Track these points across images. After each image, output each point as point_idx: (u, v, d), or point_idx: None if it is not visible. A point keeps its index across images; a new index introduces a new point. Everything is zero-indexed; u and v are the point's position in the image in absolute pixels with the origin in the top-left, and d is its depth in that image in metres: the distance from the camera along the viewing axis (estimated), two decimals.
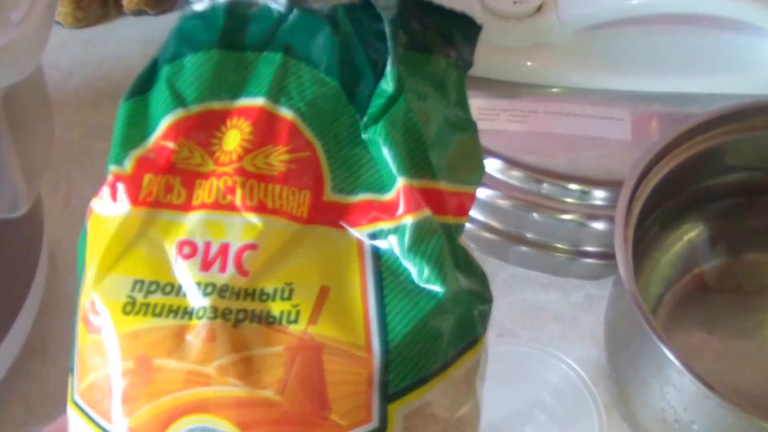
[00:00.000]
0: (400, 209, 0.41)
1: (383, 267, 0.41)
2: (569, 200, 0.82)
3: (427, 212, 0.41)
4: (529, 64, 0.92)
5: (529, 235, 0.85)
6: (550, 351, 0.67)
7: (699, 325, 0.81)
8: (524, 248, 0.85)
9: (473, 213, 0.85)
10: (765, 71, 0.88)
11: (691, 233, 0.83)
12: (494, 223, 0.86)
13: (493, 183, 0.84)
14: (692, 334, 0.80)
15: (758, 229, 0.84)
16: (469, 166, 0.45)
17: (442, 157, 0.43)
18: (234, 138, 0.42)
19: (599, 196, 0.81)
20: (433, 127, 0.43)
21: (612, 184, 0.78)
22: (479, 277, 0.44)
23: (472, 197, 0.45)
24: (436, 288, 0.41)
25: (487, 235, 0.86)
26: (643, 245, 0.77)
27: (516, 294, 0.84)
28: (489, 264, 0.84)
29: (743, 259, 0.84)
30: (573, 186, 0.82)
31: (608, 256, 0.76)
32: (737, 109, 0.78)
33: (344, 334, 0.40)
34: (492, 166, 0.84)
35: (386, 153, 0.42)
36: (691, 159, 0.76)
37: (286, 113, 0.42)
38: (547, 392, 0.69)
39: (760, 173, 0.81)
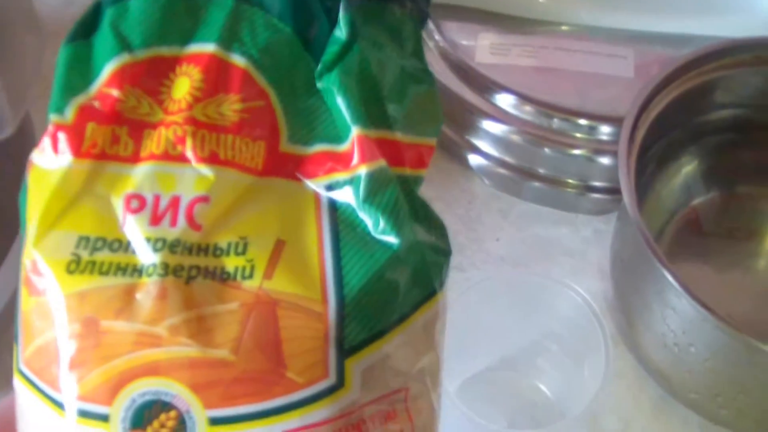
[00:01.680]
0: (355, 159, 0.40)
1: (339, 219, 0.40)
2: (577, 135, 0.84)
3: (382, 162, 0.40)
4: (541, 0, 0.93)
5: (541, 171, 0.87)
6: (562, 281, 0.69)
7: (697, 257, 0.83)
8: (536, 183, 0.87)
9: (488, 149, 0.88)
10: (760, 14, 0.90)
11: (689, 167, 0.85)
12: (508, 159, 0.88)
13: (506, 118, 0.87)
14: (691, 264, 0.82)
15: (751, 163, 0.85)
16: (427, 118, 0.43)
17: (399, 108, 0.42)
18: (183, 86, 0.39)
19: (605, 131, 0.83)
20: (389, 77, 0.42)
21: (617, 120, 0.79)
22: (439, 229, 0.43)
23: (431, 149, 0.43)
24: (392, 239, 0.39)
25: (501, 170, 0.88)
26: (645, 178, 0.79)
27: (528, 229, 0.86)
28: (503, 200, 0.87)
29: (737, 192, 0.87)
30: (581, 121, 0.84)
31: (614, 191, 0.78)
32: (725, 47, 0.80)
33: (300, 289, 0.38)
34: (505, 101, 0.86)
35: (341, 102, 0.40)
36: (685, 94, 0.78)
37: (238, 60, 0.40)
38: (559, 323, 0.71)
39: (750, 110, 0.83)
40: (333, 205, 0.40)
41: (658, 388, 0.75)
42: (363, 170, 0.39)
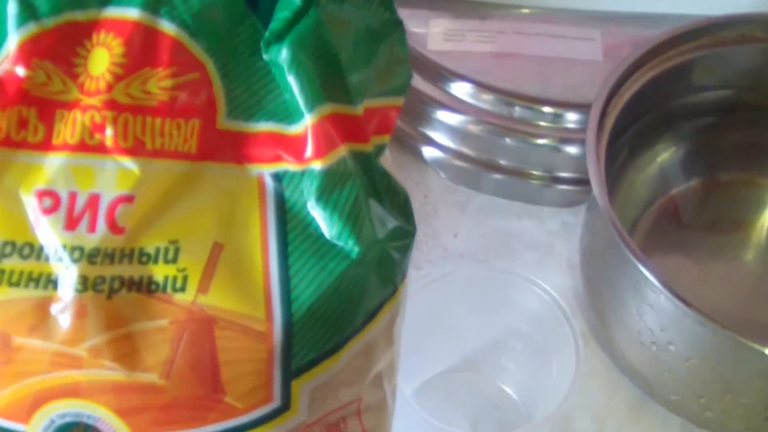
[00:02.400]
0: (309, 151, 0.35)
1: (288, 217, 0.36)
2: (542, 124, 0.80)
3: (340, 153, 0.36)
4: None
5: (502, 162, 0.83)
6: (526, 276, 0.65)
7: (675, 248, 0.78)
8: (498, 176, 0.83)
9: (444, 140, 0.83)
10: None
11: (665, 154, 0.80)
12: (466, 150, 0.83)
13: (463, 108, 0.82)
14: (669, 256, 0.78)
15: (733, 147, 0.81)
16: (393, 74, 0.39)
17: (364, 73, 0.38)
18: (101, 59, 0.35)
19: (572, 118, 0.79)
20: (352, 41, 0.37)
21: (584, 107, 0.74)
22: (402, 203, 0.39)
23: (398, 108, 0.40)
24: (349, 246, 0.36)
25: (458, 163, 0.83)
26: (617, 166, 0.75)
27: (489, 223, 0.81)
28: (461, 193, 0.82)
29: (718, 179, 0.82)
30: (545, 109, 0.80)
31: (583, 181, 0.73)
32: (703, 25, 0.75)
33: (240, 305, 0.35)
34: (461, 90, 0.82)
35: (292, 81, 0.35)
36: (660, 76, 0.74)
37: (167, 27, 0.35)
38: (524, 320, 0.66)
39: (732, 91, 0.79)
40: (281, 199, 0.36)
41: (634, 388, 0.71)
42: (317, 166, 0.35)
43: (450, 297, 0.66)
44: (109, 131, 0.34)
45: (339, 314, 0.36)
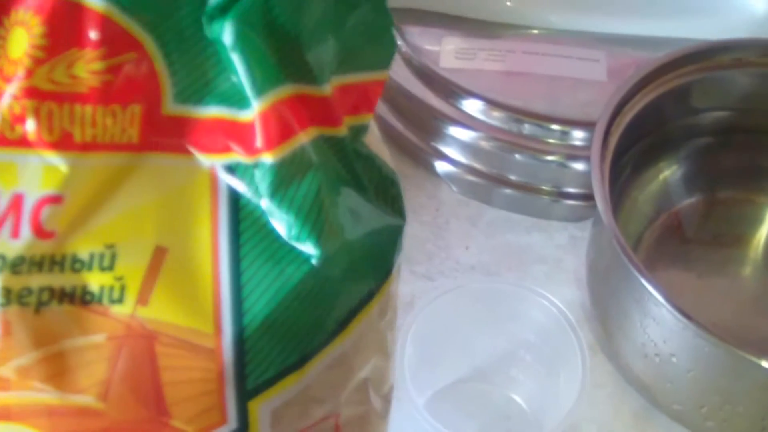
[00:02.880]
0: (258, 142, 0.31)
1: (242, 215, 0.31)
2: (550, 140, 0.82)
3: (298, 141, 0.31)
4: (508, 3, 0.92)
5: (512, 177, 0.85)
6: (535, 289, 0.67)
7: (678, 263, 0.80)
8: (507, 190, 0.85)
9: (455, 155, 0.86)
10: (736, 15, 0.89)
11: (666, 172, 0.83)
12: (477, 165, 0.85)
13: (474, 124, 0.84)
14: (671, 271, 0.80)
15: (732, 168, 0.84)
16: (373, 46, 0.34)
17: (333, 46, 0.33)
18: (20, 41, 0.30)
19: (578, 136, 0.81)
20: (314, 10, 0.32)
21: (590, 125, 0.76)
22: (388, 189, 0.35)
23: (381, 83, 0.35)
24: (309, 248, 0.31)
25: (470, 177, 0.85)
26: (621, 183, 0.77)
27: (500, 237, 0.83)
28: (472, 207, 0.84)
29: (718, 197, 0.84)
30: (553, 126, 0.82)
31: (589, 197, 0.74)
32: (701, 49, 0.78)
33: (185, 318, 0.30)
34: (473, 106, 0.84)
35: (237, 61, 0.30)
36: (661, 97, 0.76)
37: (94, 2, 0.30)
38: (533, 332, 0.68)
39: (730, 113, 0.81)
40: (235, 195, 0.31)
41: (640, 398, 0.72)
42: (269, 158, 0.31)
43: (461, 308, 0.68)
44: (30, 123, 0.30)
45: (301, 325, 0.32)
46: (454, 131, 0.85)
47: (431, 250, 0.80)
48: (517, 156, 0.84)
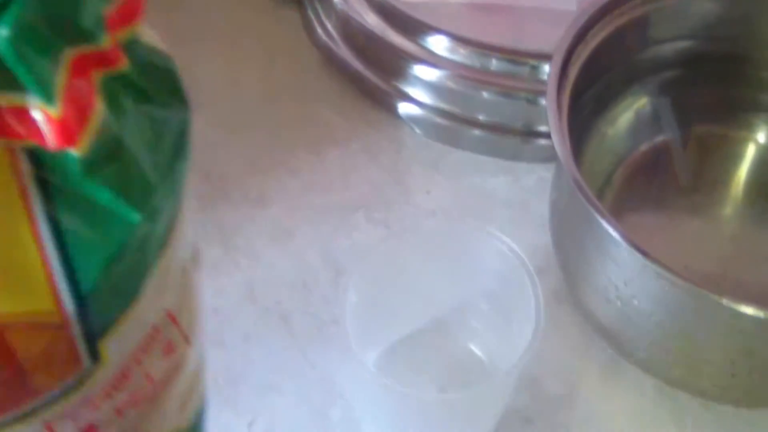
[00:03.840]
0: (57, 134, 0.30)
1: (55, 192, 0.30)
2: (518, 76, 0.77)
3: (96, 117, 0.30)
4: None
5: (479, 117, 0.80)
6: (493, 233, 0.63)
7: (650, 204, 0.75)
8: (475, 131, 0.81)
9: (419, 96, 0.81)
10: None
11: (636, 106, 0.77)
12: (442, 106, 0.81)
13: (439, 62, 0.80)
14: (643, 212, 0.75)
15: (705, 101, 0.78)
16: None
17: None
18: None
19: (547, 70, 0.73)
20: None
21: None
22: (168, 81, 0.34)
23: None
24: (127, 213, 0.32)
25: (435, 118, 0.81)
26: (585, 118, 0.72)
27: (463, 180, 0.79)
28: (435, 149, 0.79)
29: (691, 133, 0.79)
30: (522, 61, 0.77)
31: None
32: None
33: (25, 304, 0.30)
34: (437, 44, 0.79)
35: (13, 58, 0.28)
36: (621, 28, 0.71)
37: None
38: (491, 279, 0.64)
39: (696, 42, 0.76)
40: (42, 174, 0.30)
41: (608, 349, 0.68)
42: (72, 149, 0.29)
43: (415, 254, 0.64)
44: None
45: (130, 275, 0.33)
46: (418, 70, 0.80)
47: (390, 195, 0.75)
48: (484, 94, 0.79)
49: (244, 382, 0.65)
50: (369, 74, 0.82)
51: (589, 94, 0.71)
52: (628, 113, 0.75)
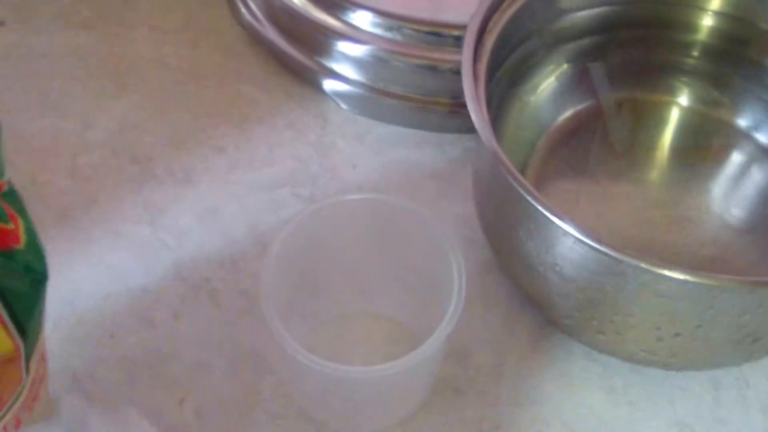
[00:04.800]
0: None
1: None
2: (443, 48, 0.75)
3: None
4: None
5: (406, 90, 0.79)
6: (416, 206, 0.62)
7: (575, 170, 0.74)
8: (401, 104, 0.79)
9: (344, 71, 0.80)
10: None
11: (557, 73, 0.76)
12: (367, 80, 0.80)
13: (363, 37, 0.78)
14: (568, 179, 0.74)
15: (625, 67, 0.77)
16: None
17: None
18: None
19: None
20: None
21: None
22: None
23: None
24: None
25: (360, 92, 0.80)
26: (505, 87, 0.72)
27: (389, 153, 0.78)
28: (360, 123, 0.78)
29: (617, 99, 0.78)
30: (446, 32, 0.76)
31: None
32: None
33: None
34: (361, 18, 0.78)
35: None
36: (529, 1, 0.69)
37: None
38: (416, 251, 0.63)
39: (611, 8, 0.75)
40: None
41: (538, 317, 0.68)
42: None
43: (339, 229, 0.63)
44: None
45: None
46: (342, 46, 0.79)
47: (316, 171, 0.74)
48: (409, 67, 0.78)
49: (174, 360, 0.64)
50: (294, 52, 0.81)
51: (509, 63, 0.70)
52: (549, 81, 0.74)
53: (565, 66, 0.75)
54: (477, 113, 0.59)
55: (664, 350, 0.60)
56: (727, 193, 0.73)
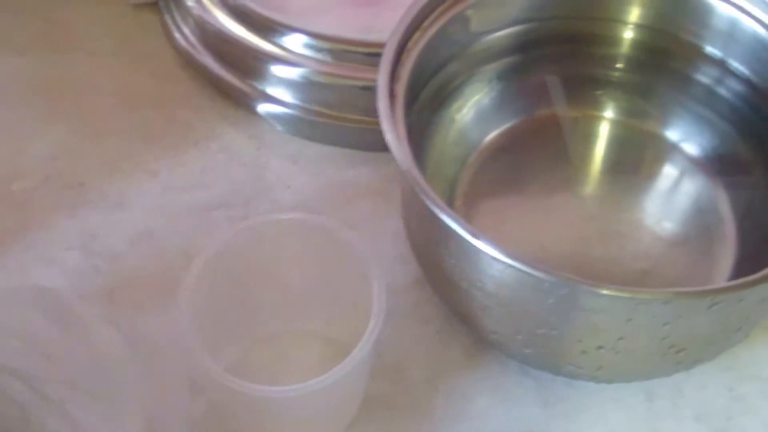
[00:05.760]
0: None
1: None
2: (375, 68, 0.72)
3: None
4: None
5: (340, 111, 0.79)
6: (340, 224, 0.62)
7: (505, 187, 0.74)
8: (335, 124, 0.79)
9: (278, 93, 0.80)
10: None
11: (484, 92, 0.76)
12: (303, 102, 0.80)
13: (295, 60, 0.79)
14: (501, 195, 0.73)
15: (541, 83, 0.76)
16: None
17: None
18: None
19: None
20: None
21: None
22: None
23: None
24: None
25: (297, 115, 0.79)
26: (435, 107, 0.72)
27: (324, 173, 0.77)
28: (294, 144, 0.78)
29: (544, 115, 0.77)
30: (377, 52, 0.72)
31: None
32: None
33: None
34: (293, 42, 0.79)
35: None
36: (445, 25, 0.69)
37: None
38: (344, 270, 0.63)
39: (531, 25, 0.75)
40: None
41: (471, 333, 0.67)
42: None
43: (269, 248, 0.63)
44: None
45: None
46: (276, 69, 0.79)
47: (250, 192, 0.74)
48: (342, 88, 0.78)
49: (106, 384, 0.62)
50: (228, 75, 0.80)
51: (434, 83, 0.70)
52: (477, 99, 0.74)
53: (494, 84, 0.74)
54: (391, 132, 0.58)
55: (590, 363, 0.59)
56: (659, 205, 0.72)
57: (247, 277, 0.62)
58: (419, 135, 0.65)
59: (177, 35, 0.82)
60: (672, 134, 0.74)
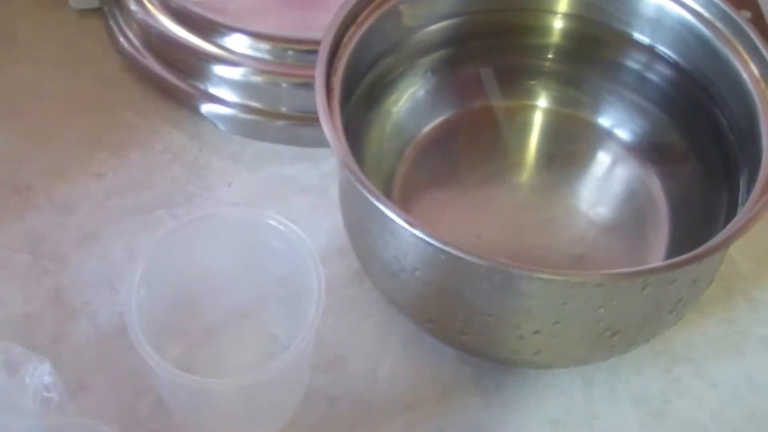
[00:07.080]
0: None
1: None
2: (312, 65, 0.70)
3: None
4: None
5: (282, 109, 0.77)
6: (280, 219, 0.60)
7: (442, 178, 0.72)
8: (278, 122, 0.77)
9: (221, 93, 0.77)
10: None
11: (419, 84, 0.74)
12: (245, 101, 0.77)
13: (237, 59, 0.77)
14: (438, 185, 0.71)
15: (475, 75, 0.75)
16: None
17: None
18: None
19: None
20: None
21: None
22: None
23: None
24: None
25: (239, 115, 0.77)
26: (371, 100, 0.69)
27: (263, 170, 0.75)
28: (235, 143, 0.76)
29: (478, 107, 0.75)
30: (313, 49, 0.70)
31: None
32: None
33: None
34: (234, 42, 0.76)
35: None
36: (378, 19, 0.67)
37: None
38: (282, 264, 0.60)
39: (460, 20, 0.73)
40: None
41: (409, 324, 0.65)
42: None
43: (209, 244, 0.61)
44: None
45: None
46: (218, 70, 0.76)
47: (192, 191, 0.71)
48: (284, 86, 0.76)
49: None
50: (170, 77, 0.78)
51: (371, 77, 0.68)
52: (413, 91, 0.72)
53: (429, 77, 0.72)
54: (328, 124, 0.56)
55: (527, 348, 0.58)
56: (593, 192, 0.70)
57: (188, 272, 0.60)
58: (357, 129, 0.63)
59: (121, 39, 0.80)
60: (605, 121, 0.72)
